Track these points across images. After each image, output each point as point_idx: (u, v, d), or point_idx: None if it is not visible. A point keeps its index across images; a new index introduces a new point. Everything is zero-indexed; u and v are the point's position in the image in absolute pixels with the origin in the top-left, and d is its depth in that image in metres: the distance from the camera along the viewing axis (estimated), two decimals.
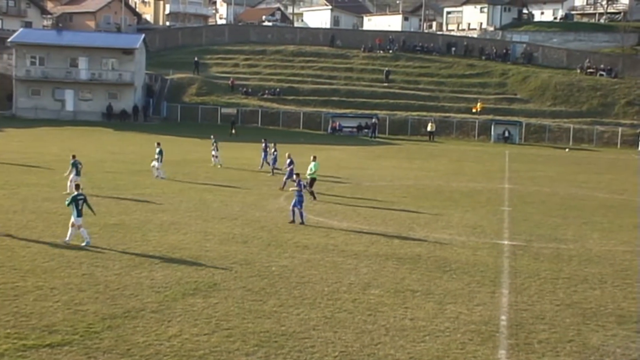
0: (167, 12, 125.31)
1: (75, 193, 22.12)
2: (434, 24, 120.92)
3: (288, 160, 36.37)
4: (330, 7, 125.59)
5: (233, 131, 69.18)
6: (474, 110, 78.62)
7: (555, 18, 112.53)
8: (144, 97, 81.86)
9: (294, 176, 29.49)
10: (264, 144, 44.14)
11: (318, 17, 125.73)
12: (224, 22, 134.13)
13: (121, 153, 49.71)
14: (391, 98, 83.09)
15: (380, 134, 75.44)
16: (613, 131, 76.21)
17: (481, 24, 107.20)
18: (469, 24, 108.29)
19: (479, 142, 75.25)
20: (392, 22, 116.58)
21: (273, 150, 42.56)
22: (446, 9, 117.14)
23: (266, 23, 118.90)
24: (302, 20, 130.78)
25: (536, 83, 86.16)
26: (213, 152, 44.90)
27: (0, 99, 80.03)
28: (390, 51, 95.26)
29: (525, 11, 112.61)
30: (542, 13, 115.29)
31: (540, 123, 78.31)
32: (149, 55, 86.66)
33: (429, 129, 75.73)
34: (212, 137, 45.97)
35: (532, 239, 25.65)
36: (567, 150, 70.24)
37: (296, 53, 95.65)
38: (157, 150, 38.01)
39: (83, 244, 21.69)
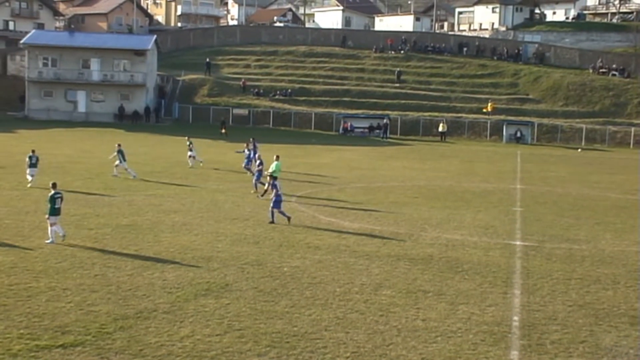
0: (178, 13, 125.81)
1: (53, 192, 22.25)
2: (446, 24, 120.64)
3: (258, 162, 36.14)
4: (341, 7, 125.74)
5: (223, 131, 69.01)
6: (484, 111, 78.48)
7: (567, 18, 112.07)
8: (156, 98, 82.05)
9: (269, 178, 29.49)
10: (252, 145, 41.40)
11: (329, 18, 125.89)
12: (235, 23, 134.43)
13: (133, 154, 49.61)
14: (403, 98, 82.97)
15: (392, 135, 75.33)
16: (626, 131, 75.85)
17: (493, 24, 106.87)
18: (481, 24, 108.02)
19: (491, 142, 75.04)
20: (403, 23, 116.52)
21: (247, 149, 41.43)
22: (458, 9, 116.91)
23: (277, 24, 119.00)
24: (313, 21, 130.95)
25: (548, 83, 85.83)
26: (189, 153, 44.29)
27: (12, 101, 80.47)
28: (402, 51, 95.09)
29: (537, 11, 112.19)
30: (554, 13, 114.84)
31: (553, 123, 78.00)
32: (160, 56, 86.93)
33: (440, 129, 75.59)
34: (186, 138, 45.81)
35: (544, 240, 25.55)
36: (579, 150, 69.97)
37: (307, 54, 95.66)
38: (117, 150, 38.35)
39: (47, 241, 21.97)
